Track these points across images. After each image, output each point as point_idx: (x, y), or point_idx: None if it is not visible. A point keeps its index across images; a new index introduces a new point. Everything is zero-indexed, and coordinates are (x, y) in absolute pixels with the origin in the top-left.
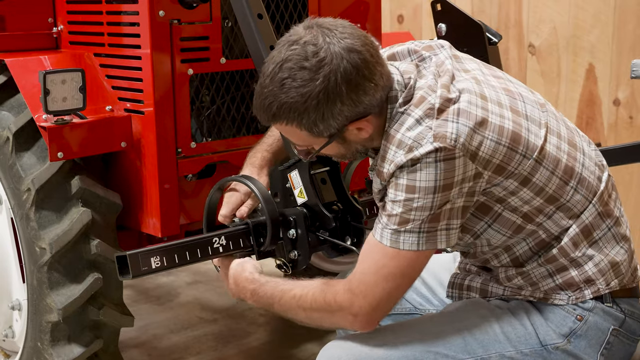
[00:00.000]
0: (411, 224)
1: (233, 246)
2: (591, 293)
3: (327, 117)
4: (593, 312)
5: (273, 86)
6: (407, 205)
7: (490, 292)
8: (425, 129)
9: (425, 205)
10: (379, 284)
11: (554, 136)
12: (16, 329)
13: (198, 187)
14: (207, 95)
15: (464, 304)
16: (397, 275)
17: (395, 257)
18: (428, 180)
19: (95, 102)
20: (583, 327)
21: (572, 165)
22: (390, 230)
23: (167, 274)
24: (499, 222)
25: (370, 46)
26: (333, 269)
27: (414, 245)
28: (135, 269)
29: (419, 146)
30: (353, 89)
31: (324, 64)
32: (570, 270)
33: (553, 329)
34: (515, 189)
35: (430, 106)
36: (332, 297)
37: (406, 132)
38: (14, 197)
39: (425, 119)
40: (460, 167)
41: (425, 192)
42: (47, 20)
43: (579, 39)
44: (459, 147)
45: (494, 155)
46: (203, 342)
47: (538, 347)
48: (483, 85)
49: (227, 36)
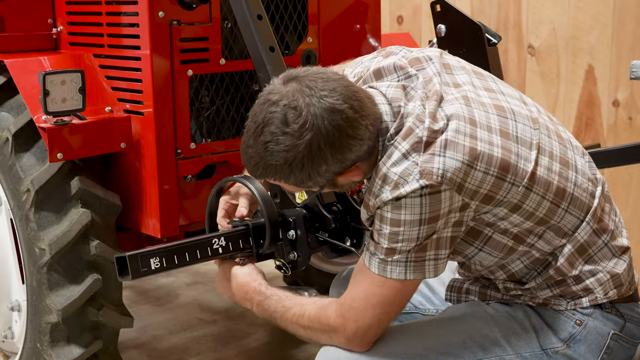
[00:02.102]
0: (397, 255)
1: (232, 247)
2: (589, 301)
3: (314, 176)
4: (592, 317)
5: (257, 148)
6: (392, 238)
7: (490, 296)
8: (411, 164)
9: (411, 238)
10: (368, 310)
11: (545, 157)
12: (15, 330)
13: (198, 188)
14: (206, 96)
15: (464, 307)
16: (385, 303)
17: (383, 286)
18: (413, 214)
19: (94, 103)
20: (582, 332)
21: (563, 187)
22: (377, 259)
23: (166, 274)
24: (490, 245)
25: (353, 99)
26: (332, 269)
27: (401, 275)
28: (134, 270)
29: (405, 183)
30: (337, 150)
31: (305, 130)
32: (569, 282)
33: (553, 333)
34: (505, 215)
35: (417, 140)
36: (326, 320)
37: (392, 167)
38: (14, 198)
39: (412, 154)
40: (446, 200)
41: (410, 226)
42: (46, 21)
43: (579, 40)
44: (446, 182)
45: (481, 186)
46: (202, 343)
47: (538, 350)
48: (473, 105)
49: (226, 37)
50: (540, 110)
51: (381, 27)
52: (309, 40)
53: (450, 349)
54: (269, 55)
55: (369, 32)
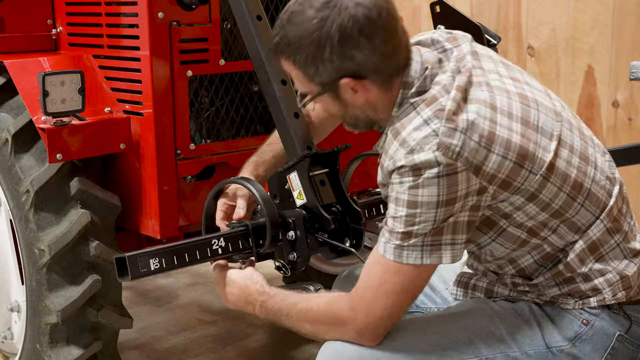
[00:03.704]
0: (414, 238)
1: (232, 248)
2: (597, 301)
3: (317, 60)
4: (599, 318)
5: (283, 19)
6: (409, 221)
7: (496, 293)
8: (431, 133)
9: (427, 220)
10: (381, 299)
11: (565, 149)
12: (15, 331)
13: (197, 189)
14: (206, 97)
15: (469, 303)
16: (398, 291)
17: (397, 273)
18: (430, 195)
19: (94, 103)
20: (589, 332)
21: (581, 181)
22: (393, 245)
23: (166, 275)
24: (503, 237)
25: (384, 10)
26: (332, 270)
27: (417, 259)
28: (134, 271)
29: (421, 150)
30: (345, 41)
31: (328, 8)
32: (577, 280)
33: (559, 331)
34: (521, 204)
35: (440, 108)
36: (335, 313)
37: (412, 132)
38: (13, 199)
39: (433, 120)
40: (463, 182)
41: (427, 207)
42: (46, 22)
43: (578, 41)
44: (462, 161)
45: (499, 170)
46: (202, 344)
47: (543, 348)
48: (495, 91)
49: (226, 38)
50: (564, 106)
51: None
52: None
53: (455, 345)
54: (269, 56)
55: None
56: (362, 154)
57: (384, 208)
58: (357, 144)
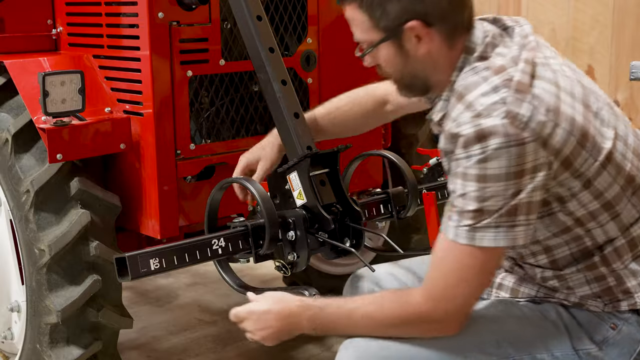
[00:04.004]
0: (486, 217)
1: (232, 248)
2: (627, 305)
3: (385, 2)
4: (628, 322)
5: None
6: (479, 197)
7: (522, 293)
8: (499, 100)
9: (497, 194)
10: (461, 285)
11: (620, 142)
12: (15, 331)
13: (197, 189)
14: (206, 97)
15: (494, 303)
16: (477, 273)
17: (472, 255)
18: (499, 167)
19: (94, 103)
20: (616, 336)
21: (633, 175)
22: (465, 228)
23: (166, 275)
24: (551, 219)
25: None
26: (332, 270)
27: (491, 241)
28: (134, 271)
29: (488, 116)
30: None
31: None
32: (609, 280)
33: (586, 334)
34: (577, 190)
35: (509, 77)
36: (412, 309)
37: (480, 97)
38: (13, 199)
39: (502, 89)
40: (530, 154)
41: (496, 180)
42: (46, 22)
43: (578, 41)
44: (529, 132)
45: (564, 145)
46: (202, 344)
47: (570, 351)
48: (558, 74)
49: (226, 38)
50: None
51: None
52: (309, 41)
53: (484, 347)
54: (269, 56)
55: None
56: (362, 154)
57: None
58: (357, 144)
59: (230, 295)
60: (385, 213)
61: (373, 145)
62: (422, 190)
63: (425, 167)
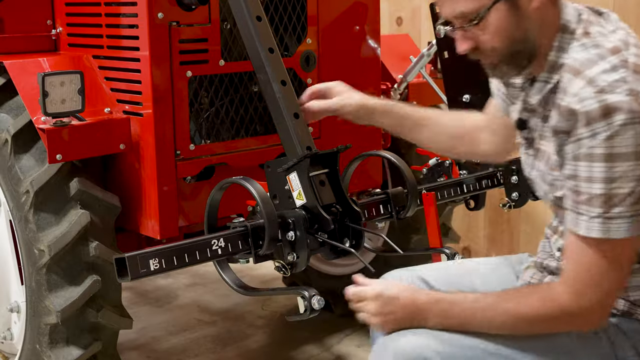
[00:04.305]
0: (617, 203)
1: (232, 248)
2: None
3: None
4: None
5: None
6: (607, 179)
7: None
8: (621, 79)
9: (626, 175)
10: (604, 279)
11: None
12: (15, 331)
13: (197, 189)
14: (205, 97)
15: None
16: (617, 267)
17: (608, 248)
18: (627, 145)
19: (94, 104)
20: None
21: None
22: (597, 219)
23: (165, 276)
24: None
25: None
26: (332, 270)
27: (626, 232)
28: (133, 271)
29: (612, 92)
30: None
31: None
32: None
33: (629, 343)
34: None
35: (624, 59)
36: (556, 305)
37: (601, 74)
38: (13, 199)
39: (621, 69)
40: None
41: (625, 159)
42: (45, 22)
43: None
44: None
45: None
46: (202, 344)
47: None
48: None
49: (225, 38)
50: None
51: (380, 29)
52: (308, 41)
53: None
54: (268, 56)
55: (368, 34)
56: (361, 154)
57: None
58: (357, 145)
59: (229, 295)
60: (385, 213)
61: (373, 145)
62: (422, 191)
63: (425, 168)
